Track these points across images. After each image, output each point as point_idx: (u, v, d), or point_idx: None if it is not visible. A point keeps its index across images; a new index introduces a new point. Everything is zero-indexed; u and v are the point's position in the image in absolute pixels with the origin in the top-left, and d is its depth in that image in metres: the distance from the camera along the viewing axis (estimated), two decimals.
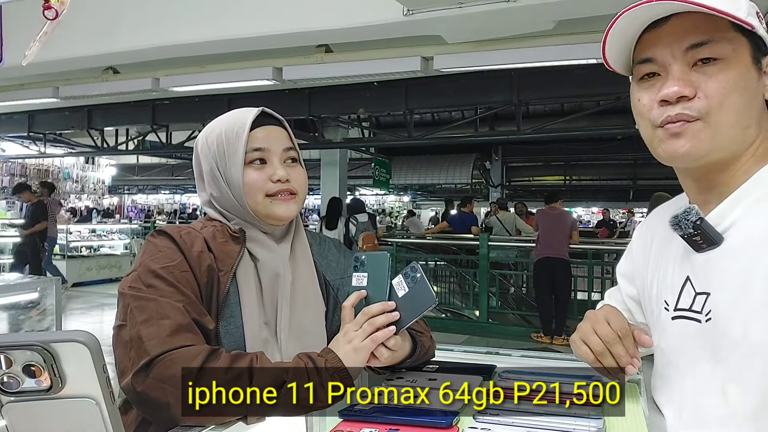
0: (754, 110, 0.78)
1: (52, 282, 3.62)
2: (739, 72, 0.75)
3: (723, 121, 0.75)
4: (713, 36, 0.75)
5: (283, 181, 1.02)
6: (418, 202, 22.61)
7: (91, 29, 4.65)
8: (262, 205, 1.02)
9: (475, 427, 0.82)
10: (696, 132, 0.76)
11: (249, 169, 1.01)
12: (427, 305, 0.95)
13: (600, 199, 17.59)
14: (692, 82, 0.75)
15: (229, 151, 1.02)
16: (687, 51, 0.76)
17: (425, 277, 0.95)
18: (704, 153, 0.76)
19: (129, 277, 0.95)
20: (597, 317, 0.91)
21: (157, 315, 0.88)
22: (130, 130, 8.60)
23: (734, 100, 0.75)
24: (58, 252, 9.58)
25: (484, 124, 9.08)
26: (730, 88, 0.75)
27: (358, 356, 0.92)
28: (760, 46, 0.78)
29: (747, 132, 0.77)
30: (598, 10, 3.64)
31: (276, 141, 1.04)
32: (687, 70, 0.76)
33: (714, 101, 0.75)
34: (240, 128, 1.02)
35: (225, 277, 0.98)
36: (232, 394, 0.82)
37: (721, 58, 0.75)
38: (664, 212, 0.87)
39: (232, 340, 0.97)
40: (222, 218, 1.06)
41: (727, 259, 0.77)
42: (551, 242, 5.84)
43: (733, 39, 0.76)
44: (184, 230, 1.00)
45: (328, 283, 1.13)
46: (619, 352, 0.88)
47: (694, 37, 0.75)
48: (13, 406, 0.62)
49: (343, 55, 4.78)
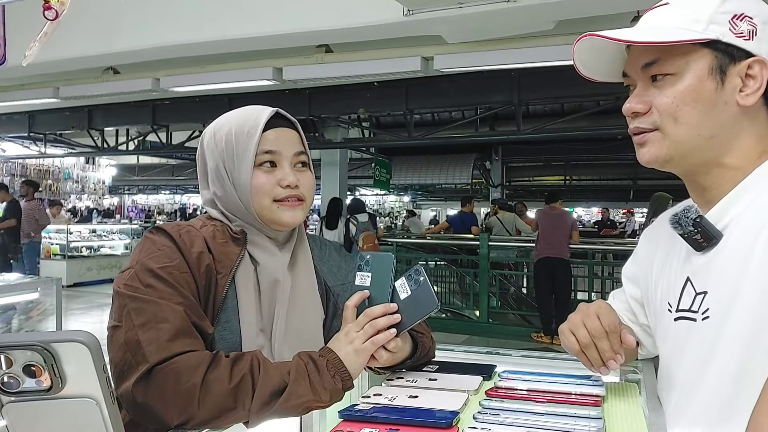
0: (715, 119, 0.78)
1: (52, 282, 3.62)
2: (690, 84, 0.78)
3: (677, 132, 0.79)
4: (661, 54, 0.79)
5: (293, 187, 0.98)
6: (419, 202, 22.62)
7: (91, 29, 4.65)
8: (269, 210, 0.98)
9: (475, 427, 0.82)
10: (653, 141, 0.81)
11: (258, 172, 0.97)
12: (429, 309, 0.95)
13: (600, 199, 17.59)
14: (646, 98, 0.81)
15: (239, 150, 0.97)
16: (643, 69, 0.81)
17: (428, 281, 0.95)
18: (665, 158, 0.81)
19: (125, 274, 0.91)
20: (588, 311, 0.93)
21: (156, 318, 0.85)
22: (131, 130, 8.60)
23: (686, 112, 0.78)
24: (58, 252, 9.60)
25: (484, 124, 9.07)
26: (679, 101, 0.78)
27: (359, 358, 0.92)
28: (731, 53, 0.77)
29: (712, 140, 0.79)
30: (598, 10, 3.64)
31: (287, 144, 1.00)
32: (647, 85, 0.81)
33: (665, 114, 0.79)
34: (252, 128, 0.98)
35: (223, 279, 0.94)
36: (235, 403, 0.82)
37: (672, 73, 0.78)
38: (669, 216, 0.88)
39: (227, 345, 0.93)
40: (223, 218, 1.02)
41: (723, 258, 0.78)
42: (551, 242, 5.85)
43: (687, 52, 0.78)
44: (183, 229, 0.97)
45: (328, 289, 1.11)
46: (603, 347, 0.90)
47: (645, 57, 0.80)
48: (14, 406, 0.62)
49: (344, 55, 4.78)
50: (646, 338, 1.02)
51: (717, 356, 0.76)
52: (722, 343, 0.75)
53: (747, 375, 0.72)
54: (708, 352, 0.77)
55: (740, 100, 0.77)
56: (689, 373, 0.81)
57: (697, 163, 0.81)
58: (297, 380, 0.85)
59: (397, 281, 0.97)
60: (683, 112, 0.78)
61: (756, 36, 0.77)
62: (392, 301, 0.96)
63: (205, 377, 0.82)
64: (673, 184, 0.88)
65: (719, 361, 0.76)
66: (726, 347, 0.75)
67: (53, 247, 9.69)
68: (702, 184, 0.83)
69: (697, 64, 0.77)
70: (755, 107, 0.79)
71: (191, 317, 0.88)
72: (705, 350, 0.78)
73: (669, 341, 0.87)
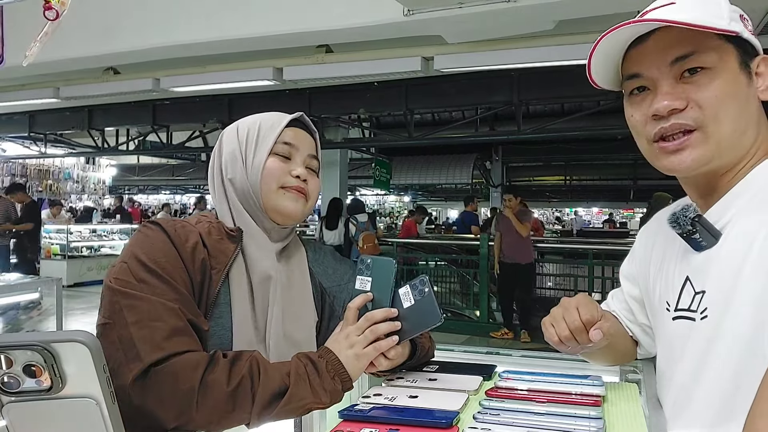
0: (748, 114, 0.78)
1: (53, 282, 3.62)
2: (728, 79, 0.76)
3: (721, 130, 0.76)
4: (698, 47, 0.76)
5: (301, 179, 1.02)
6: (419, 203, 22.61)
7: (91, 30, 4.65)
8: (274, 194, 1.00)
9: (475, 427, 0.82)
10: (696, 144, 0.77)
11: (273, 158, 1.01)
12: (432, 323, 0.94)
13: (600, 199, 17.60)
14: (681, 94, 0.77)
15: (260, 137, 1.02)
16: (673, 64, 0.77)
17: (433, 294, 0.94)
18: (706, 162, 0.78)
19: (116, 268, 0.89)
20: (569, 304, 0.93)
21: (150, 317, 0.84)
22: (131, 130, 8.59)
23: (728, 107, 0.76)
24: (59, 252, 9.60)
25: (485, 125, 9.07)
26: (722, 97, 0.76)
27: (359, 362, 0.92)
28: (747, 49, 0.78)
29: (744, 137, 0.78)
30: (598, 10, 3.64)
31: (304, 144, 1.05)
32: (674, 83, 0.77)
33: (708, 111, 0.76)
34: (276, 122, 1.03)
35: (218, 275, 0.94)
36: (234, 406, 0.81)
37: (709, 67, 0.76)
38: (666, 214, 0.88)
39: (218, 342, 0.92)
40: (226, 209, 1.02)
41: (721, 258, 0.78)
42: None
43: (718, 47, 0.76)
44: (178, 224, 0.96)
45: (324, 290, 1.11)
46: (582, 340, 0.90)
47: (678, 50, 0.76)
48: (14, 406, 0.63)
49: (344, 55, 4.78)
50: (645, 338, 1.02)
51: (715, 356, 0.76)
52: (720, 343, 0.75)
53: (744, 375, 0.72)
54: (706, 352, 0.77)
55: (761, 95, 0.78)
56: (687, 372, 0.81)
57: (726, 164, 0.79)
58: (297, 382, 0.85)
59: (401, 289, 0.96)
60: (726, 107, 0.76)
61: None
62: (393, 307, 0.95)
63: (203, 379, 0.81)
64: (673, 184, 0.87)
65: (717, 361, 0.76)
66: (723, 347, 0.75)
67: (53, 247, 9.69)
68: (715, 185, 0.81)
69: (729, 57, 0.77)
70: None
71: (186, 315, 0.87)
72: (703, 350, 0.78)
73: (667, 340, 0.87)
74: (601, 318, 0.90)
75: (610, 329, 0.91)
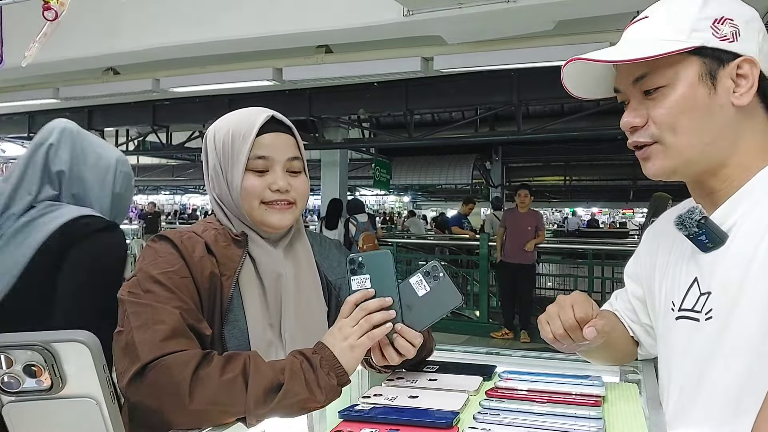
0: (714, 125, 0.78)
1: None
2: (682, 93, 0.78)
3: (678, 142, 0.79)
4: (651, 68, 0.79)
5: (282, 192, 1.01)
6: (419, 203, 22.62)
7: (91, 30, 4.65)
8: (258, 212, 1.01)
9: (475, 427, 0.82)
10: (657, 153, 0.81)
11: (250, 174, 1.00)
12: (452, 305, 0.94)
13: (600, 199, 17.60)
14: (643, 111, 0.81)
15: (234, 152, 1.00)
16: (635, 83, 0.81)
17: (448, 277, 0.94)
18: (671, 171, 0.81)
19: (128, 282, 0.95)
20: (564, 303, 0.93)
21: (152, 320, 0.87)
22: (131, 130, 8.60)
23: (683, 121, 0.78)
24: None
25: (485, 125, 9.07)
26: (674, 111, 0.78)
27: (354, 353, 0.91)
28: (718, 56, 0.78)
29: (713, 147, 0.79)
30: (598, 10, 3.65)
31: (281, 149, 1.02)
32: (641, 99, 0.82)
33: (663, 126, 0.79)
34: (247, 131, 1.00)
35: (228, 281, 0.98)
36: (228, 399, 0.82)
37: (663, 85, 0.79)
38: (672, 215, 0.88)
39: (237, 344, 0.96)
40: (225, 218, 1.05)
41: (727, 259, 0.78)
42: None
43: (676, 62, 0.78)
44: (185, 235, 0.99)
45: (329, 283, 1.13)
46: (577, 338, 0.91)
47: (636, 71, 0.81)
48: (14, 405, 0.63)
49: (343, 55, 4.78)
50: (646, 338, 1.02)
51: (720, 357, 0.76)
52: (725, 344, 0.75)
53: (750, 376, 0.72)
54: (710, 353, 0.77)
55: (735, 101, 0.78)
56: (691, 372, 0.81)
57: (703, 170, 0.81)
58: (292, 378, 0.85)
59: (413, 278, 0.95)
60: (680, 121, 0.78)
61: (740, 36, 0.77)
62: (406, 298, 0.94)
63: (196, 372, 0.82)
64: (673, 184, 0.88)
65: (722, 362, 0.76)
66: (729, 348, 0.75)
67: None
68: (710, 186, 0.83)
69: (686, 72, 0.78)
70: (752, 106, 0.79)
71: (187, 320, 0.90)
72: (707, 350, 0.78)
73: (670, 340, 0.88)
74: (596, 316, 0.90)
75: (604, 327, 0.91)
